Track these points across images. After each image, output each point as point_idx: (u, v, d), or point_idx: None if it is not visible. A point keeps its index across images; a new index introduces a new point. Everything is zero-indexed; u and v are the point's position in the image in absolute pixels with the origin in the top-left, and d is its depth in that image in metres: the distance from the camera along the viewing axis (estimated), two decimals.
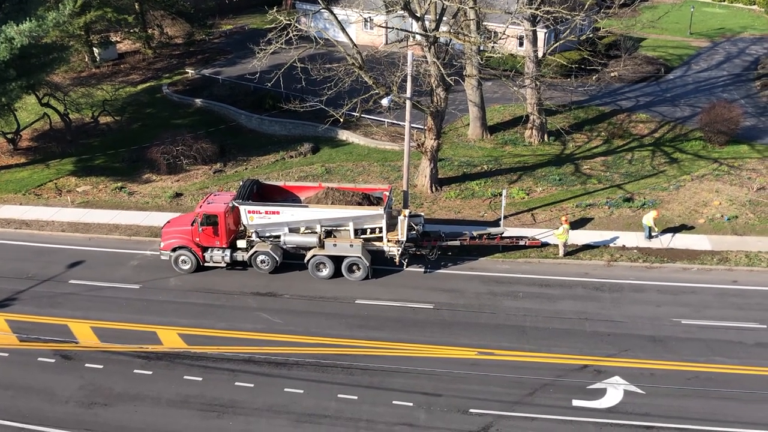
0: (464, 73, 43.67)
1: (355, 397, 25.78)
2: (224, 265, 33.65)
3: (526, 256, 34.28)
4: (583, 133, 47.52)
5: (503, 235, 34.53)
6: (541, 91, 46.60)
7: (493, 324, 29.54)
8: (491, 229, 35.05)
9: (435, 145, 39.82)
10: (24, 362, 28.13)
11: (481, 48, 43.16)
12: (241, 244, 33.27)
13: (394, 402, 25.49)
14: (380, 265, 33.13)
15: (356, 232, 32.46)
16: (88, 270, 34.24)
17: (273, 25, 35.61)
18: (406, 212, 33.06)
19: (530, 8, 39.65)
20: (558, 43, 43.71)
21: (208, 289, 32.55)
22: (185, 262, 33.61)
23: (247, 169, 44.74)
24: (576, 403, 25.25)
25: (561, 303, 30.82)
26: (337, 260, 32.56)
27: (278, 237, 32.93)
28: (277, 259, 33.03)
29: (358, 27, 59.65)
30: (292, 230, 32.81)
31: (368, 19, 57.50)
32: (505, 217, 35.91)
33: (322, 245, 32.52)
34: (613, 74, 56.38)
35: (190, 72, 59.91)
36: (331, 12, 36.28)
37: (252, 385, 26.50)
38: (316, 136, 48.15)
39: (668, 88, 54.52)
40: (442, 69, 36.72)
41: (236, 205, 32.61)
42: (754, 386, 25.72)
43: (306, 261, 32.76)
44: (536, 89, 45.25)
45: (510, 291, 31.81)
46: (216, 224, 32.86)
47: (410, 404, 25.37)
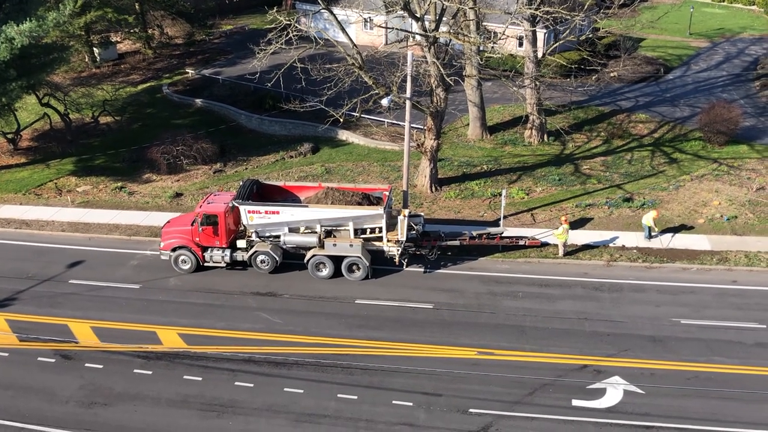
0: (464, 74, 43.67)
1: (355, 397, 25.79)
2: (224, 265, 33.66)
3: (525, 256, 34.29)
4: (583, 133, 47.54)
5: (503, 235, 34.55)
6: (541, 92, 46.60)
7: (493, 324, 29.56)
8: (491, 229, 35.08)
9: (435, 145, 39.83)
10: (24, 362, 28.15)
11: (481, 48, 43.16)
12: (241, 244, 33.28)
13: (393, 402, 25.50)
14: (380, 265, 33.14)
15: (356, 232, 32.47)
16: (88, 270, 34.26)
17: (273, 26, 35.64)
18: (406, 212, 33.07)
19: (530, 8, 39.70)
20: (557, 44, 43.73)
21: (207, 289, 32.57)
22: (185, 262, 33.62)
23: (247, 169, 44.75)
24: (576, 403, 25.27)
25: (561, 303, 30.83)
26: (336, 260, 32.57)
27: (278, 237, 32.95)
28: (277, 259, 33.05)
29: (358, 27, 59.63)
30: (291, 230, 32.83)
31: (368, 20, 57.48)
32: (504, 217, 35.93)
33: (321, 245, 32.53)
34: (612, 74, 56.38)
35: (191, 72, 59.91)
36: (331, 12, 36.31)
37: (252, 385, 26.51)
38: (316, 136, 48.16)
39: (668, 88, 54.51)
40: (441, 69, 36.75)
41: (236, 205, 32.62)
42: (754, 386, 25.73)
43: (306, 261, 32.77)
44: (536, 89, 45.26)
45: (510, 291, 31.83)
46: (216, 224, 32.87)
47: (410, 404, 25.37)
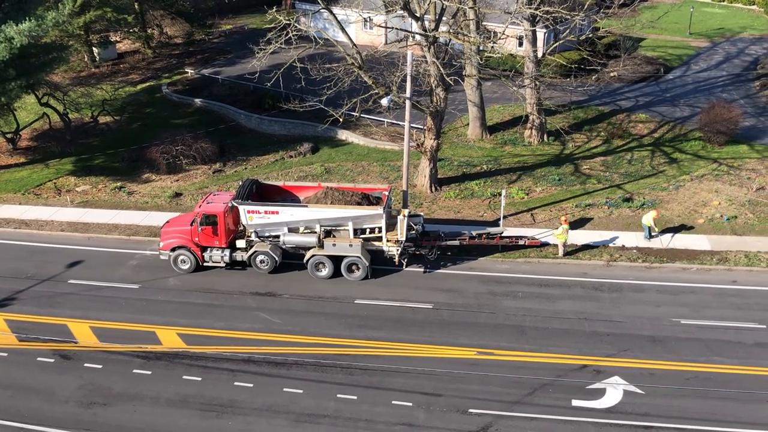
0: (464, 73, 43.64)
1: (355, 397, 25.77)
2: (223, 265, 33.63)
3: (525, 256, 34.27)
4: (583, 133, 47.51)
5: (502, 234, 34.54)
6: (541, 91, 46.57)
7: (493, 324, 29.54)
8: (490, 229, 35.06)
9: (434, 145, 39.81)
10: (23, 362, 28.13)
11: (481, 48, 43.12)
12: (241, 243, 33.25)
13: (393, 402, 25.48)
14: (379, 264, 33.11)
15: (355, 231, 32.45)
16: (88, 270, 34.23)
17: (272, 25, 35.59)
18: (406, 212, 33.05)
19: (530, 8, 39.66)
20: (557, 43, 43.68)
21: (207, 288, 32.54)
22: (184, 262, 33.60)
23: (246, 168, 44.71)
24: (575, 403, 25.25)
25: (560, 303, 30.81)
26: (336, 260, 32.55)
27: (277, 237, 32.92)
28: (277, 258, 33.03)
29: (358, 27, 59.60)
30: (291, 230, 32.80)
31: (368, 19, 57.44)
32: (504, 217, 35.91)
33: (321, 245, 32.50)
34: (612, 74, 56.36)
35: (190, 72, 59.87)
36: (331, 12, 36.29)
37: (251, 385, 26.49)
38: (316, 136, 48.13)
39: (668, 88, 54.49)
40: (441, 69, 36.72)
41: (235, 204, 32.60)
42: (754, 386, 25.72)
43: (305, 261, 32.75)
44: (536, 89, 45.23)
45: (509, 291, 31.81)
46: (215, 224, 32.83)
47: (409, 404, 25.36)
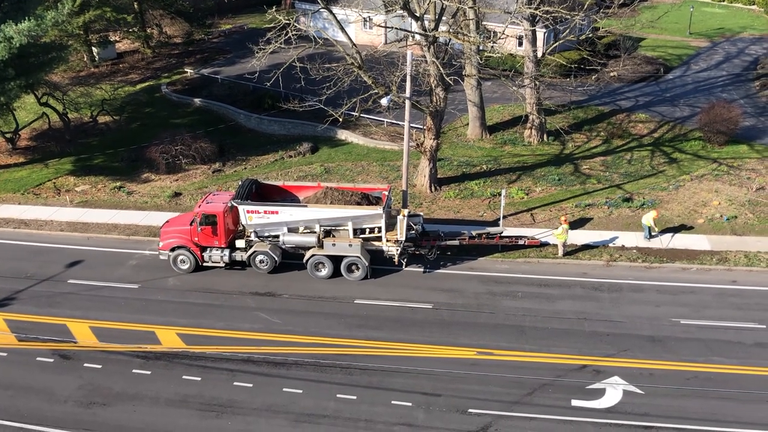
0: (463, 73, 43.63)
1: (354, 397, 25.76)
2: (223, 264, 33.61)
3: (525, 256, 34.26)
4: (583, 133, 47.50)
5: (502, 234, 34.53)
6: (541, 91, 46.54)
7: (492, 324, 29.53)
8: (490, 229, 35.05)
9: (434, 145, 39.80)
10: (23, 362, 28.11)
11: (481, 48, 43.10)
12: (240, 243, 33.23)
13: (393, 402, 25.47)
14: (379, 264, 33.10)
15: (355, 231, 32.43)
16: (87, 269, 34.21)
17: (272, 25, 35.57)
18: (405, 212, 33.05)
19: (529, 8, 39.68)
20: (557, 43, 43.65)
21: (206, 288, 32.52)
22: (184, 262, 33.58)
23: (246, 168, 44.70)
24: (575, 403, 25.24)
25: (560, 303, 30.81)
26: (336, 260, 32.53)
27: (277, 237, 32.90)
28: (276, 258, 33.01)
29: (358, 26, 59.59)
30: (290, 230, 32.79)
31: (367, 19, 57.45)
32: (504, 216, 35.90)
33: (321, 245, 32.49)
34: (612, 74, 56.35)
35: (189, 71, 59.85)
36: (330, 11, 36.27)
37: (251, 385, 26.48)
38: (315, 136, 48.11)
39: (667, 88, 54.48)
40: (441, 69, 36.71)
41: (235, 204, 32.59)
42: (753, 386, 25.72)
43: (305, 261, 32.73)
44: (535, 89, 45.20)
45: (509, 291, 31.80)
46: (215, 224, 32.81)
47: (409, 404, 25.35)
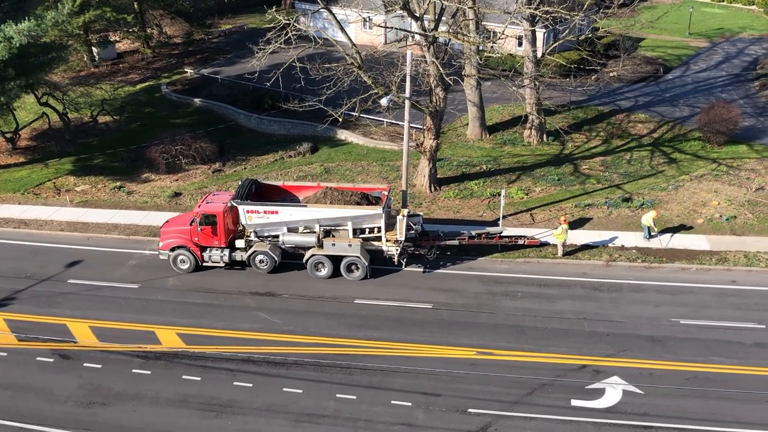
0: (463, 73, 43.64)
1: (354, 397, 25.77)
2: (223, 264, 33.62)
3: (524, 256, 34.28)
4: (582, 133, 47.52)
5: (502, 234, 34.54)
6: (540, 91, 46.56)
7: (492, 324, 29.54)
8: (490, 229, 35.07)
9: (434, 145, 39.81)
10: (23, 362, 28.12)
11: (480, 48, 43.12)
12: (240, 243, 33.24)
13: (392, 402, 25.49)
14: (379, 264, 33.11)
15: (355, 231, 32.44)
16: (87, 269, 34.22)
17: (272, 25, 35.57)
18: (405, 212, 33.06)
19: (529, 8, 39.69)
20: (557, 43, 43.69)
21: (206, 288, 32.53)
22: (184, 262, 33.59)
23: (246, 168, 44.70)
24: (575, 403, 25.26)
25: (560, 303, 30.82)
26: (335, 260, 32.54)
27: (277, 237, 32.91)
28: (276, 258, 33.02)
29: (357, 27, 59.60)
30: (290, 230, 32.80)
31: (367, 19, 57.46)
32: (503, 216, 35.92)
33: (320, 245, 32.50)
34: (612, 74, 56.37)
35: (189, 71, 59.84)
36: (330, 12, 36.28)
37: (251, 385, 26.49)
38: (315, 136, 48.12)
39: (667, 88, 54.51)
40: (441, 69, 36.72)
41: (235, 204, 32.60)
42: (753, 386, 25.73)
43: (305, 261, 32.74)
44: (535, 89, 45.22)
45: (509, 291, 31.82)
46: (215, 224, 32.82)
47: (409, 404, 25.36)
